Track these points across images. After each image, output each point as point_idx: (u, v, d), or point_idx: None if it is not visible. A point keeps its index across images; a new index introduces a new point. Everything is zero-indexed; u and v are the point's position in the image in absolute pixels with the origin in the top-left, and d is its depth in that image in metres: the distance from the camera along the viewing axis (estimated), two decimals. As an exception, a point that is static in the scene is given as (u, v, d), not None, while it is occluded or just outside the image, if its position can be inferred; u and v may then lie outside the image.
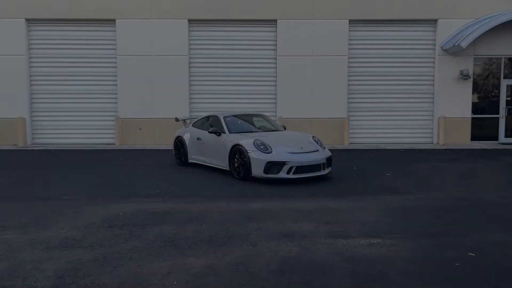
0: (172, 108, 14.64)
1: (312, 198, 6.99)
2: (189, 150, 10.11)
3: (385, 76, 15.27)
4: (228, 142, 8.83)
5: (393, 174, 9.26)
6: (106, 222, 5.57)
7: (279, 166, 8.00)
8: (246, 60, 15.06)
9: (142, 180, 8.57)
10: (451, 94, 15.11)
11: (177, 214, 5.95)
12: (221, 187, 7.89)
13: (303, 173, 8.15)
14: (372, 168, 10.06)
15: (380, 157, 11.99)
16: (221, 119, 9.52)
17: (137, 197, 7.05)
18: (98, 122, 15.18)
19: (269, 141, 8.41)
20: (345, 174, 9.18)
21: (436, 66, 15.14)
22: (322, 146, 8.92)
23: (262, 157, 8.03)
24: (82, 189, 7.72)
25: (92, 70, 15.03)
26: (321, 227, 5.36)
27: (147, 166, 10.36)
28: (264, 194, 7.25)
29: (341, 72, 14.93)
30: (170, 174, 9.31)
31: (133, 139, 14.98)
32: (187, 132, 10.32)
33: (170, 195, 7.21)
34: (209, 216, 5.83)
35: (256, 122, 10.10)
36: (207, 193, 7.35)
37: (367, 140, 15.36)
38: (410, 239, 4.92)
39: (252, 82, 15.13)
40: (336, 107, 15.01)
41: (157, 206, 6.42)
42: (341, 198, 7.01)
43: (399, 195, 7.24)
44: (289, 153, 8.20)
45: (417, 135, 15.49)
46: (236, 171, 8.58)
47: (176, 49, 14.77)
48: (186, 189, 7.74)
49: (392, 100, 15.35)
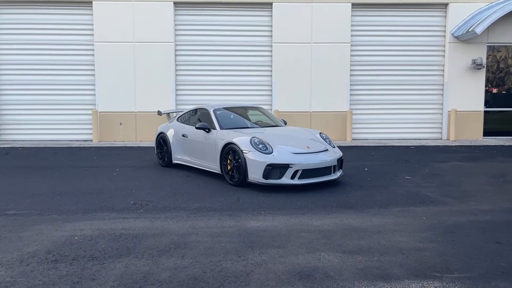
0: (156, 100, 13.49)
1: (325, 211, 5.57)
2: (173, 149, 8.65)
3: (391, 65, 14.22)
4: (219, 140, 7.38)
5: (413, 177, 7.87)
6: (53, 252, 4.09)
7: (282, 170, 6.57)
8: (238, 48, 13.92)
9: (115, 186, 7.08)
10: (462, 85, 14.17)
11: (152, 239, 4.49)
12: (211, 196, 6.44)
13: (310, 178, 6.72)
14: (386, 169, 8.68)
15: (390, 156, 10.63)
16: (211, 112, 8.06)
17: (104, 211, 5.57)
18: (73, 117, 13.84)
19: (269, 139, 6.98)
20: (357, 177, 7.78)
21: (446, 55, 14.08)
22: (332, 144, 7.51)
23: (261, 159, 6.59)
24: (36, 199, 6.20)
25: (66, 58, 13.70)
26: (347, 259, 3.93)
27: (125, 167, 8.86)
28: (265, 206, 5.81)
29: (343, 61, 13.83)
30: (150, 178, 7.83)
31: (113, 135, 13.64)
32: (171, 127, 8.85)
33: (146, 208, 5.74)
34: (195, 242, 4.38)
35: (252, 116, 8.64)
36: (194, 205, 5.89)
37: (371, 136, 14.28)
38: (480, 280, 3.51)
39: (245, 72, 13.98)
40: (337, 100, 13.93)
41: (128, 225, 4.95)
42: (362, 211, 5.59)
43: (433, 207, 5.83)
44: (294, 153, 6.77)
45: (425, 130, 14.43)
46: (229, 175, 7.14)
47: (160, 35, 13.57)
48: (167, 198, 6.27)
49: (398, 92, 14.35)
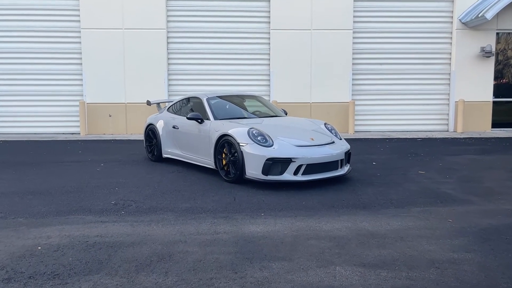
0: (147, 91, 12.71)
1: (335, 213, 4.84)
2: (163, 142, 7.89)
3: (395, 54, 13.53)
4: (213, 131, 6.63)
5: (427, 171, 7.14)
6: (7, 268, 3.34)
7: (284, 165, 5.82)
8: (234, 35, 13.16)
9: (96, 183, 6.33)
10: (470, 74, 13.49)
11: (130, 249, 3.74)
12: (204, 194, 5.69)
13: (316, 174, 5.98)
14: (396, 163, 7.95)
15: (397, 149, 9.91)
16: (204, 101, 7.29)
17: (79, 213, 4.82)
18: (59, 108, 13.06)
19: (268, 130, 6.24)
20: (365, 172, 7.04)
21: (454, 42, 13.38)
22: (338, 136, 6.76)
23: (260, 152, 5.85)
24: (3, 199, 5.43)
25: (51, 46, 12.85)
26: (369, 276, 3.20)
27: (111, 162, 8.10)
28: (265, 206, 5.08)
29: (345, 49, 13.14)
30: (136, 174, 7.07)
31: (101, 127, 12.88)
32: (161, 118, 8.09)
33: (129, 209, 4.99)
34: (182, 253, 3.64)
35: (249, 105, 7.88)
36: (183, 205, 5.14)
37: (375, 128, 13.64)
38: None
39: (241, 60, 13.23)
40: (339, 90, 13.24)
41: (104, 231, 4.20)
42: (377, 212, 4.86)
43: (457, 206, 5.11)
44: (297, 146, 6.02)
45: (431, 121, 13.78)
46: (225, 170, 6.39)
47: (151, 22, 12.78)
48: (154, 198, 5.52)
49: (403, 82, 13.65)
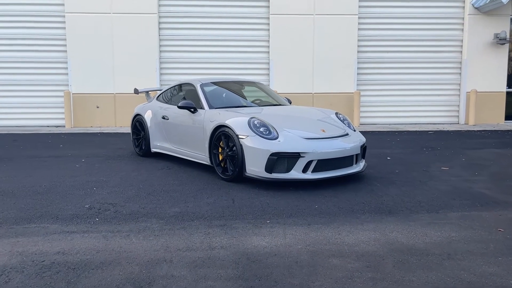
0: (137, 80, 11.74)
1: (356, 219, 3.98)
2: (152, 135, 7.00)
3: (403, 41, 12.72)
4: (207, 122, 5.74)
5: (452, 168, 6.29)
6: None
7: (291, 161, 4.94)
8: (231, 20, 12.30)
9: (72, 182, 5.44)
10: (483, 63, 12.70)
11: (98, 272, 2.86)
12: (197, 195, 4.82)
13: (328, 171, 5.10)
14: (412, 157, 7.10)
15: (409, 142, 9.06)
16: (198, 88, 6.39)
17: (43, 221, 3.94)
18: (43, 99, 12.22)
19: (272, 120, 5.36)
20: (381, 168, 6.19)
21: (466, 29, 12.58)
22: (351, 127, 5.89)
23: (263, 146, 4.97)
24: (-40, 202, 4.57)
25: (33, 32, 11.94)
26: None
27: (93, 157, 7.21)
28: (270, 211, 4.22)
29: (350, 35, 12.31)
30: (120, 171, 6.19)
31: (89, 120, 12.02)
32: (149, 108, 7.19)
33: (105, 215, 4.12)
34: (166, 279, 2.76)
35: (249, 93, 6.98)
36: (172, 210, 4.27)
37: (381, 120, 12.89)
38: None
39: (239, 48, 12.36)
40: (343, 80, 12.42)
41: (69, 246, 3.32)
42: (407, 218, 4.00)
43: (502, 210, 4.25)
44: (306, 139, 5.14)
45: (441, 113, 13.03)
46: (221, 167, 5.52)
47: (142, 6, 11.89)
48: (137, 200, 4.64)
49: (411, 71, 12.85)
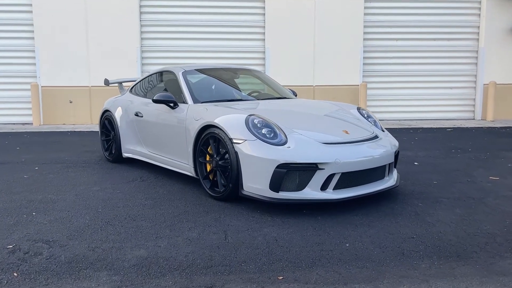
0: (116, 71, 10.46)
1: (414, 271, 2.62)
2: (123, 136, 5.61)
3: (414, 27, 11.70)
4: (191, 120, 4.35)
5: (503, 178, 4.96)
6: None
7: (305, 174, 3.56)
8: (221, 4, 11.18)
9: (7, 203, 4.05)
10: (502, 52, 11.69)
11: None
12: (174, 226, 3.43)
13: (355, 188, 3.72)
14: (445, 163, 5.79)
15: (431, 141, 7.79)
16: (180, 77, 4.99)
17: None
18: (7, 92, 11.02)
19: (277, 119, 3.97)
20: (413, 178, 4.85)
21: (483, 14, 11.60)
22: (378, 126, 4.52)
23: (267, 154, 3.58)
24: None
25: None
26: None
27: (50, 164, 5.81)
28: (280, 256, 2.85)
29: (355, 22, 11.22)
30: (78, 184, 4.79)
31: (61, 116, 10.80)
32: (120, 103, 5.80)
33: (31, 264, 2.72)
34: None
35: (243, 83, 5.59)
36: (134, 254, 2.88)
37: (389, 115, 11.89)
38: None
39: (230, 34, 11.23)
40: (347, 71, 11.39)
41: None
42: (490, 270, 2.65)
43: None
44: (325, 143, 3.75)
45: (455, 107, 12.09)
46: (210, 180, 4.13)
47: (120, -14, 10.75)
48: (87, 234, 3.26)
49: (423, 61, 11.80)
